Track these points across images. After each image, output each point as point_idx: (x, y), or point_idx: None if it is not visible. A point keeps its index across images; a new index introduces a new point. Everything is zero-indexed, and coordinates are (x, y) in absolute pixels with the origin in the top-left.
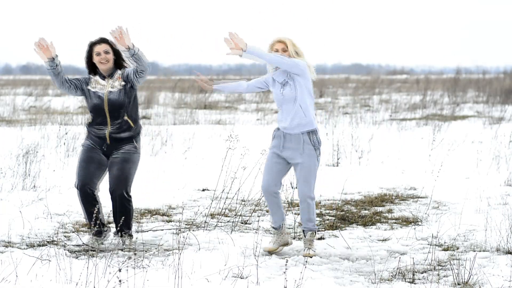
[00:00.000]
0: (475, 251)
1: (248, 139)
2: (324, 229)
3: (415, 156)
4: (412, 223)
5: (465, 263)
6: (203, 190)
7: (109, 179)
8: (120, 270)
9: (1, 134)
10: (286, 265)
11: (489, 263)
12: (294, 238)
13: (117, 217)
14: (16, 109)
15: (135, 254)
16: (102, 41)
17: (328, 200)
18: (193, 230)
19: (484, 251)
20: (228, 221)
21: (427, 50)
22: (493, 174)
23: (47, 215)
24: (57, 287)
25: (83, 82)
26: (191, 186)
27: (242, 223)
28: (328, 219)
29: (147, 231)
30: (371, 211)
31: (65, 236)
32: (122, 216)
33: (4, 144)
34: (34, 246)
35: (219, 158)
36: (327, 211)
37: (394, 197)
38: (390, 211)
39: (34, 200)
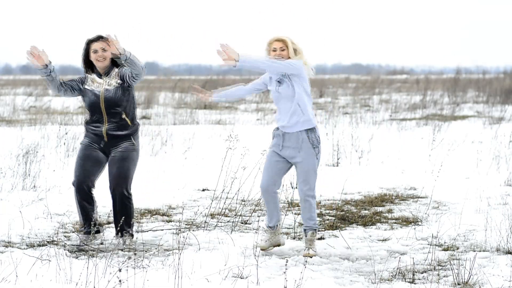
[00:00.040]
0: (475, 251)
1: (248, 139)
2: (324, 229)
3: (415, 156)
4: (412, 223)
5: (465, 263)
6: (203, 190)
7: (109, 178)
8: (120, 270)
9: (1, 134)
10: (286, 265)
11: (489, 263)
12: (294, 238)
13: (118, 216)
14: (16, 109)
15: (135, 254)
16: (99, 38)
17: (328, 200)
18: (193, 230)
19: (484, 251)
20: (228, 221)
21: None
22: (493, 174)
23: (47, 215)
24: (57, 287)
25: (79, 82)
26: (191, 186)
27: (242, 223)
28: (328, 219)
29: (147, 231)
30: (371, 211)
31: (65, 236)
32: (123, 215)
33: (4, 144)
34: (34, 246)
35: (219, 158)
36: (327, 211)
37: (394, 197)
38: (390, 211)
39: (34, 200)
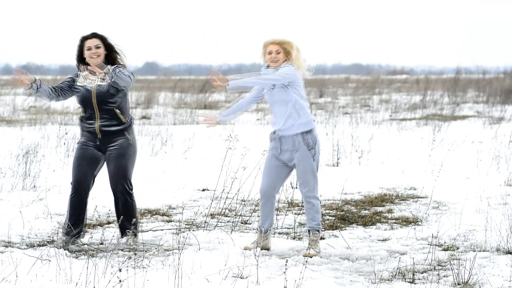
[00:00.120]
0: (475, 251)
1: (248, 139)
2: (324, 229)
3: (415, 156)
4: (412, 223)
5: (465, 263)
6: (203, 190)
7: (108, 177)
8: (120, 270)
9: (1, 134)
10: (286, 265)
11: (489, 263)
12: (294, 238)
13: (120, 215)
14: (16, 109)
15: (135, 254)
16: (93, 36)
17: (328, 200)
18: (193, 230)
19: (484, 251)
20: (228, 221)
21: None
22: (493, 174)
23: (47, 215)
24: (57, 287)
25: (69, 82)
26: (191, 186)
27: (242, 223)
28: (328, 219)
29: (147, 231)
30: (371, 211)
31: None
32: (125, 213)
33: (4, 144)
34: (34, 246)
35: (219, 158)
36: (327, 211)
37: (394, 197)
38: (390, 211)
39: (34, 200)
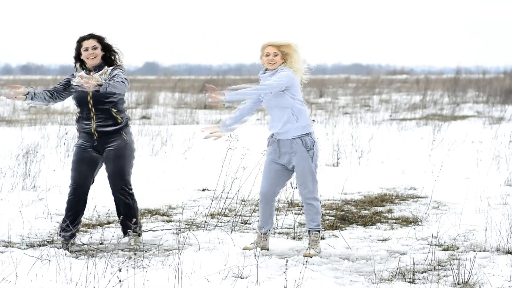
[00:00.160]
0: (475, 251)
1: (248, 139)
2: (324, 229)
3: (415, 156)
4: (412, 223)
5: (465, 263)
6: (203, 190)
7: (107, 178)
8: (120, 270)
9: (1, 134)
10: (286, 265)
11: (489, 263)
12: (294, 238)
13: (121, 215)
14: (16, 109)
15: (135, 254)
16: (90, 36)
17: (328, 200)
18: (193, 230)
19: (484, 251)
20: (228, 221)
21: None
22: (493, 174)
23: (47, 215)
24: (57, 287)
25: (64, 83)
26: (191, 186)
27: (242, 223)
28: (328, 219)
29: (147, 231)
30: (371, 211)
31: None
32: (126, 214)
33: (4, 144)
34: (34, 246)
35: (219, 158)
36: (327, 211)
37: (394, 197)
38: (390, 211)
39: (34, 200)
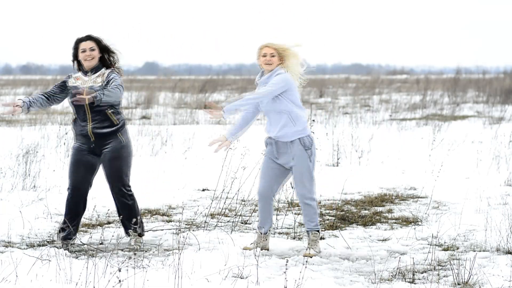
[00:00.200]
0: (475, 251)
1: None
2: (324, 229)
3: (415, 156)
4: (412, 223)
5: (465, 263)
6: (203, 190)
7: (106, 180)
8: (120, 270)
9: (1, 134)
10: (286, 265)
11: (489, 263)
12: (294, 238)
13: (121, 215)
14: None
15: (135, 254)
16: (88, 38)
17: (328, 200)
18: (193, 230)
19: (484, 251)
20: (228, 221)
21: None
22: (493, 174)
23: (47, 215)
24: (57, 287)
25: (62, 85)
26: (191, 186)
27: (242, 223)
28: (328, 219)
29: (147, 231)
30: (371, 211)
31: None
32: (125, 214)
33: (4, 144)
34: (34, 246)
35: (219, 158)
36: (327, 211)
37: (394, 197)
38: (390, 211)
39: (34, 200)
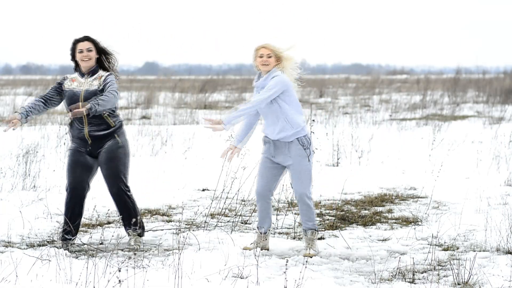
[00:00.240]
0: (475, 251)
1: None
2: (324, 229)
3: (415, 156)
4: (412, 223)
5: (465, 263)
6: (203, 190)
7: (104, 181)
8: (120, 270)
9: (1, 134)
10: (286, 265)
11: (489, 263)
12: (294, 238)
13: (121, 215)
14: (16, 109)
15: (135, 254)
16: (85, 39)
17: (328, 200)
18: (193, 230)
19: (484, 251)
20: (228, 221)
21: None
22: (493, 174)
23: (47, 215)
24: (57, 287)
25: (58, 88)
26: (191, 186)
27: (242, 223)
28: (328, 219)
29: (147, 231)
30: (371, 211)
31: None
32: (125, 213)
33: (4, 144)
34: (34, 246)
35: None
36: (327, 211)
37: (394, 197)
38: (390, 211)
39: (34, 200)
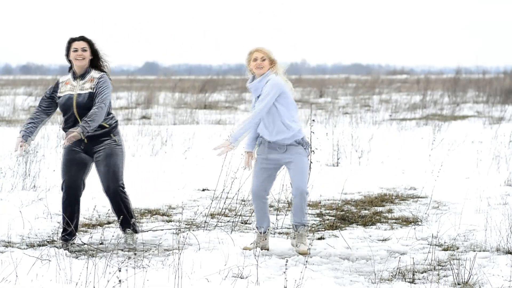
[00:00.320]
0: (475, 251)
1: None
2: (324, 229)
3: (415, 156)
4: (412, 223)
5: (465, 263)
6: (203, 190)
7: (100, 180)
8: (120, 270)
9: (1, 134)
10: (286, 265)
11: (489, 263)
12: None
13: (117, 214)
14: (16, 109)
15: (135, 254)
16: (81, 38)
17: (328, 200)
18: (193, 230)
19: (484, 251)
20: (228, 221)
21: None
22: (493, 174)
23: (47, 215)
24: (57, 287)
25: (51, 95)
26: (191, 186)
27: (242, 223)
28: (328, 219)
29: (147, 231)
30: (371, 211)
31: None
32: (122, 212)
33: (4, 144)
34: (34, 246)
35: (219, 158)
36: (327, 211)
37: (394, 197)
38: (390, 211)
39: (34, 200)
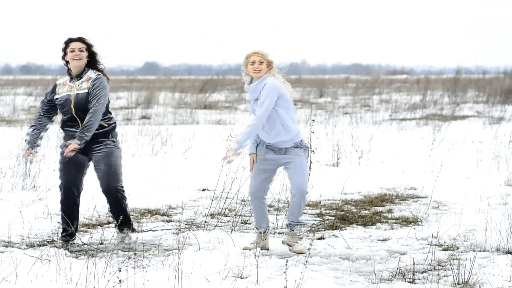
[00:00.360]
0: (475, 251)
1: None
2: (324, 229)
3: (415, 156)
4: (412, 223)
5: (465, 263)
6: (203, 190)
7: (98, 179)
8: (120, 270)
9: (1, 134)
10: (286, 265)
11: (489, 263)
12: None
13: (116, 213)
14: (16, 109)
15: (135, 254)
16: (78, 39)
17: (328, 200)
18: (193, 230)
19: (484, 251)
20: (228, 221)
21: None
22: (493, 174)
23: (47, 215)
24: (57, 287)
25: (49, 102)
26: (191, 186)
27: (242, 223)
28: (328, 219)
29: (147, 231)
30: (371, 211)
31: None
32: (120, 211)
33: (4, 144)
34: (34, 246)
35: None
36: (327, 211)
37: (394, 197)
38: (390, 211)
39: (34, 200)
